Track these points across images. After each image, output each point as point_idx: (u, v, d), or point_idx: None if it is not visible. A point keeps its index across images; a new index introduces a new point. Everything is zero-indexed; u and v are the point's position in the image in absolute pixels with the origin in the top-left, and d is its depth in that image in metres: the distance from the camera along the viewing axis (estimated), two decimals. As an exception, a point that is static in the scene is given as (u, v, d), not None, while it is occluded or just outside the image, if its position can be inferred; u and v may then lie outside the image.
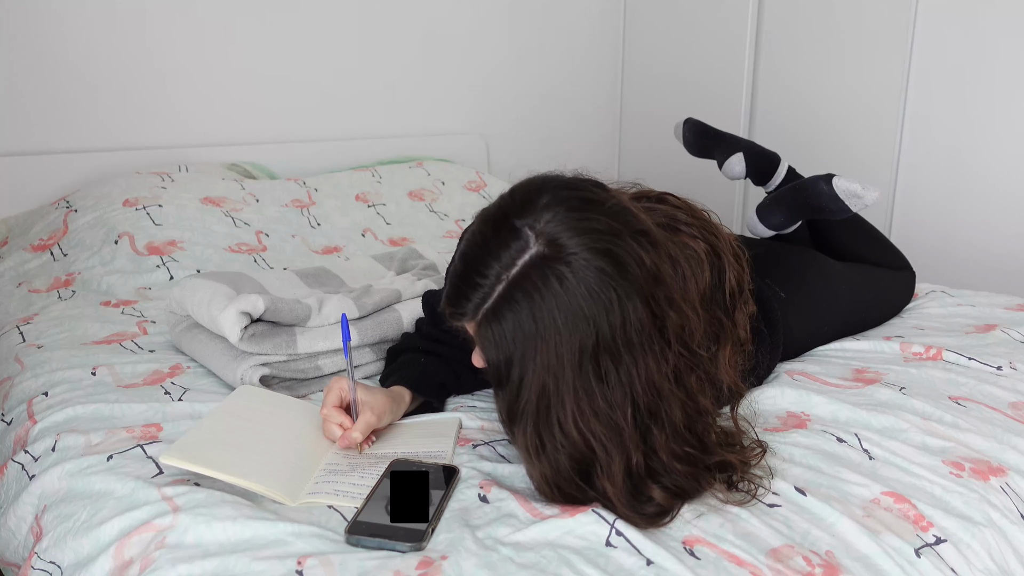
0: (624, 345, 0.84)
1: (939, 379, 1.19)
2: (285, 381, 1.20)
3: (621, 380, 0.85)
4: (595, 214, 0.86)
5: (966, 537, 0.86)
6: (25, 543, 0.94)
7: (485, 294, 0.86)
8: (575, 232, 0.84)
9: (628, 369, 0.85)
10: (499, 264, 0.85)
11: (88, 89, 2.01)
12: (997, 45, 2.11)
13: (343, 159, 2.39)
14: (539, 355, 0.84)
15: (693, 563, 0.79)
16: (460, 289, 0.88)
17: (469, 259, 0.89)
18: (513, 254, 0.85)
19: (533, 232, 0.85)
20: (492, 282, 0.85)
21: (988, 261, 2.21)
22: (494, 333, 0.86)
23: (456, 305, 0.89)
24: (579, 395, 0.84)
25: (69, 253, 1.73)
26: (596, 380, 0.84)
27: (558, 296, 0.83)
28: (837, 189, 1.35)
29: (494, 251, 0.86)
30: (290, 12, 2.26)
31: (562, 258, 0.83)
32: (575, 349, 0.83)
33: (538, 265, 0.84)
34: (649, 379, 0.86)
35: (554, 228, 0.84)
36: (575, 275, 0.83)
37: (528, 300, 0.83)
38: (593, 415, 0.85)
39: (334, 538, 0.83)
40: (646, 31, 2.92)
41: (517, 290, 0.84)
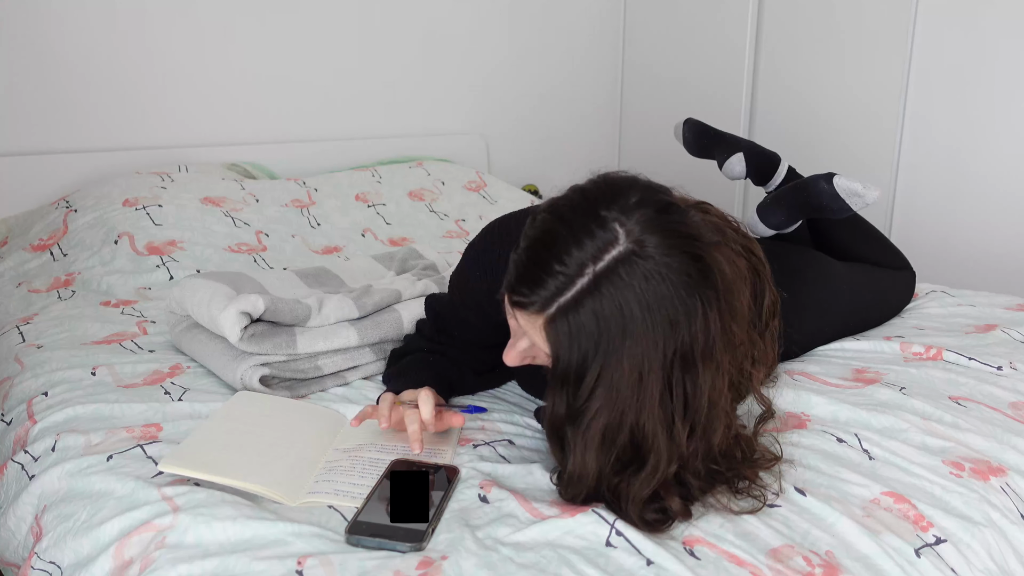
0: (700, 356, 0.82)
1: (939, 379, 1.19)
2: (285, 381, 1.20)
3: (686, 391, 0.82)
4: (681, 219, 0.83)
5: (966, 537, 0.86)
6: (25, 543, 0.94)
7: (563, 284, 0.80)
8: (665, 235, 0.80)
9: (696, 381, 0.82)
10: (583, 254, 0.80)
11: (88, 89, 2.01)
12: (997, 45, 2.11)
13: (343, 159, 2.39)
14: (623, 354, 0.80)
15: (693, 563, 0.79)
16: (533, 275, 0.82)
17: (547, 244, 0.82)
18: (600, 246, 0.80)
19: (623, 228, 0.80)
20: (574, 273, 0.80)
21: (988, 261, 2.21)
22: (571, 327, 0.80)
23: (526, 292, 0.83)
24: (652, 400, 0.81)
25: (69, 253, 1.73)
26: (669, 387, 0.82)
27: (648, 295, 0.79)
28: (838, 188, 1.35)
29: (579, 240, 0.80)
30: (290, 12, 2.27)
31: (653, 258, 0.79)
32: (659, 352, 0.80)
33: (627, 261, 0.79)
34: (710, 394, 0.84)
35: (644, 227, 0.80)
36: (663, 278, 0.79)
37: (617, 295, 0.79)
38: (660, 422, 0.82)
39: (334, 538, 0.83)
40: (646, 31, 2.92)
41: (605, 283, 0.79)
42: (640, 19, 2.93)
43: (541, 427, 1.11)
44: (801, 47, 2.53)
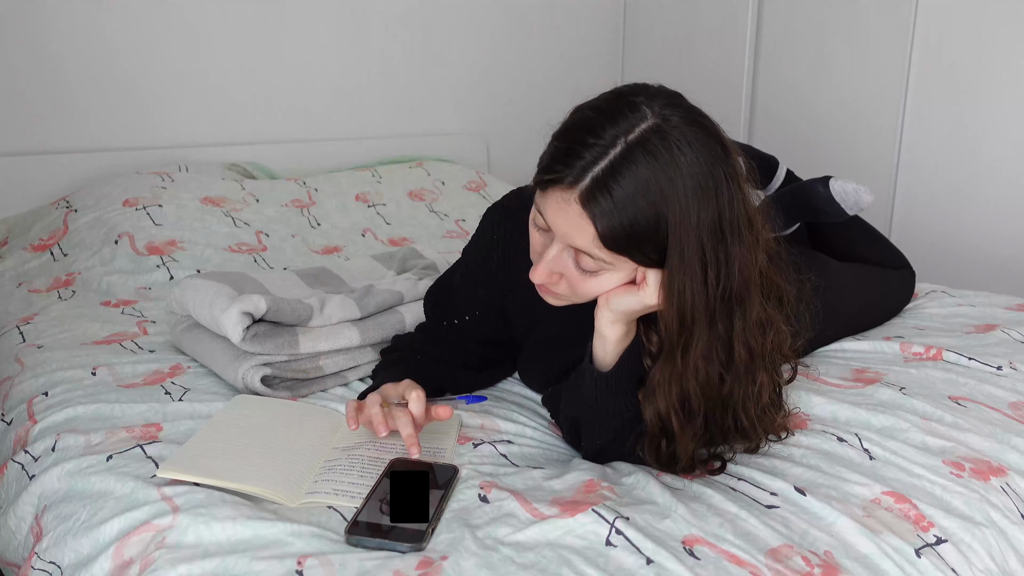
0: (730, 226, 0.85)
1: (939, 379, 1.19)
2: (287, 381, 1.20)
3: (720, 260, 0.86)
4: (701, 111, 0.89)
5: (966, 537, 0.86)
6: (25, 543, 0.94)
7: (598, 154, 0.83)
8: (687, 114, 0.86)
9: (729, 250, 0.86)
10: (616, 128, 0.84)
11: (88, 89, 2.01)
12: (997, 45, 2.11)
13: (343, 159, 2.39)
14: (667, 214, 0.83)
15: (693, 563, 0.79)
16: (569, 150, 0.85)
17: (579, 125, 0.87)
18: (632, 121, 0.84)
19: (649, 108, 0.85)
20: (607, 143, 0.83)
21: (988, 261, 2.21)
22: (612, 196, 0.82)
23: (558, 168, 0.85)
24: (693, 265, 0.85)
25: (69, 253, 1.73)
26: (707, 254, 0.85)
27: (680, 163, 0.83)
28: (833, 191, 1.35)
29: (612, 118, 0.85)
30: (290, 12, 2.26)
31: (680, 129, 0.84)
32: (697, 218, 0.83)
33: (659, 132, 0.83)
34: (743, 265, 0.87)
35: (671, 108, 0.86)
36: (692, 149, 0.83)
37: (652, 161, 0.82)
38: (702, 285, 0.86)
39: (334, 538, 0.83)
40: (646, 31, 2.92)
41: (639, 150, 0.83)
42: (640, 19, 2.93)
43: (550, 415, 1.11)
44: (801, 47, 2.52)
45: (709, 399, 0.92)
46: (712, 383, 0.91)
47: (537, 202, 0.90)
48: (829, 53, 2.46)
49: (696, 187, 0.83)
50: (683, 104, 0.88)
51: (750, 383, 0.93)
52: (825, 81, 2.48)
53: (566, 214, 0.85)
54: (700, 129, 0.86)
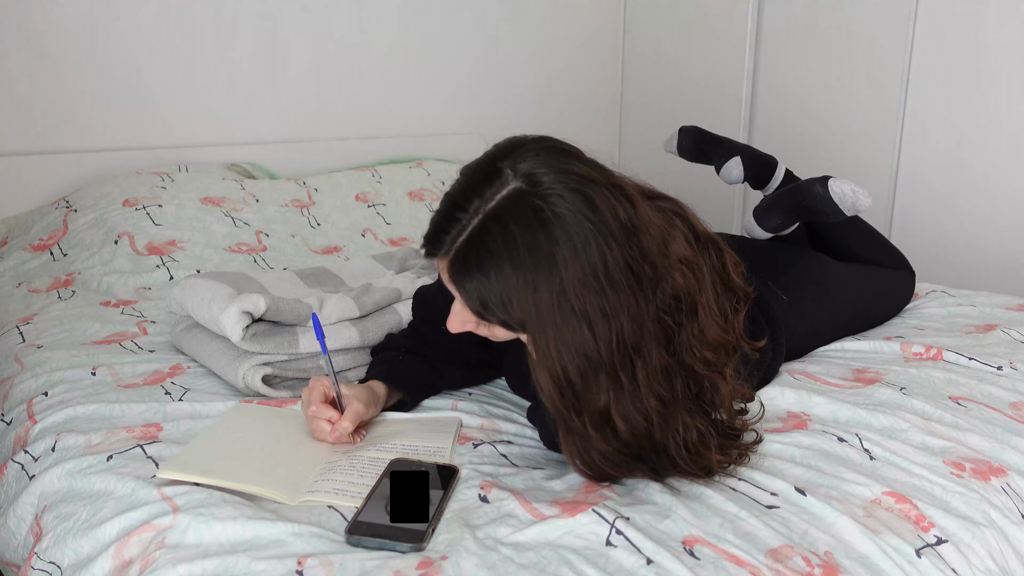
0: (607, 280, 0.84)
1: (939, 379, 1.19)
2: (287, 381, 1.20)
3: (606, 312, 0.84)
4: (574, 160, 0.88)
5: (967, 537, 0.86)
6: (25, 543, 0.94)
7: (460, 228, 0.86)
8: (553, 171, 0.85)
9: (612, 302, 0.84)
10: (479, 199, 0.86)
11: (88, 89, 2.01)
12: (997, 45, 2.11)
13: (343, 159, 2.38)
14: (515, 286, 0.84)
15: (693, 563, 0.79)
16: (439, 224, 0.89)
17: (451, 196, 0.89)
18: (493, 190, 0.86)
19: (513, 171, 0.86)
20: (469, 216, 0.86)
21: (988, 261, 2.21)
22: (469, 265, 0.86)
23: (432, 241, 0.89)
24: (558, 324, 0.84)
25: (69, 253, 1.73)
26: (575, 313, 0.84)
27: (532, 229, 0.83)
28: (832, 192, 1.35)
29: (475, 188, 0.87)
30: (290, 12, 2.26)
31: (539, 193, 0.84)
32: (555, 280, 0.83)
33: (515, 198, 0.85)
34: (632, 315, 0.86)
35: (533, 167, 0.86)
36: (551, 210, 0.83)
37: (502, 231, 0.84)
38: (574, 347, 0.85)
39: (334, 538, 0.83)
40: (646, 31, 2.92)
41: (492, 221, 0.85)
42: (640, 19, 2.93)
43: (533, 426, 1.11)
44: (801, 47, 2.52)
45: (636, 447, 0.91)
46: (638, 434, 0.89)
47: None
48: (829, 53, 2.46)
49: (557, 250, 0.82)
50: (552, 159, 0.87)
51: (671, 430, 0.90)
52: (825, 81, 2.48)
53: (447, 281, 0.91)
54: (566, 186, 0.84)
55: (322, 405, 1.03)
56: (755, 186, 1.64)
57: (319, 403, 1.04)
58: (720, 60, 2.69)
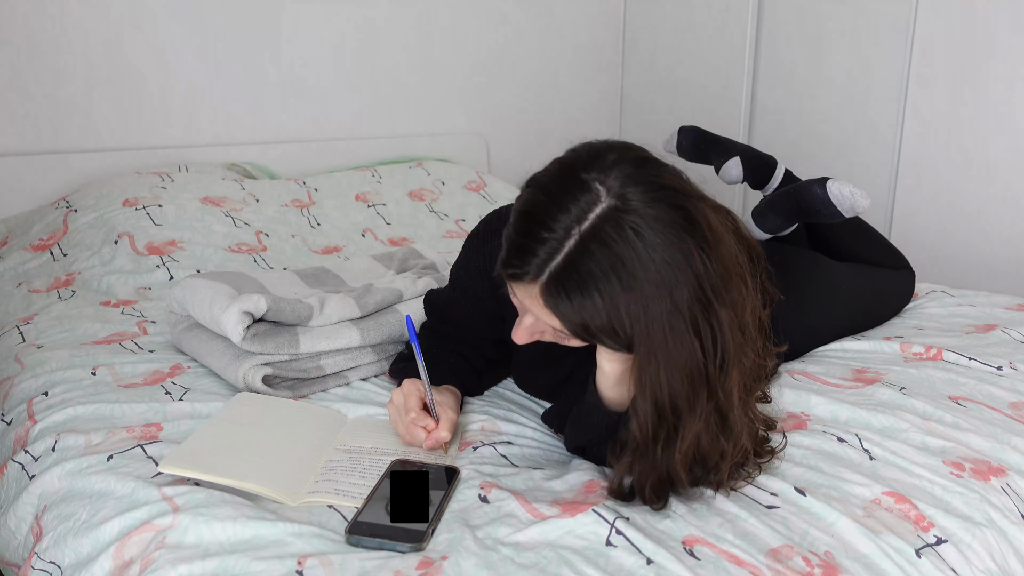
0: (713, 294, 0.81)
1: (939, 379, 1.19)
2: (287, 381, 1.20)
3: (713, 328, 0.82)
4: (662, 172, 0.84)
5: (967, 537, 0.86)
6: (25, 543, 0.94)
7: (553, 250, 0.81)
8: (645, 187, 0.81)
9: (718, 316, 0.82)
10: (569, 217, 0.80)
11: (88, 89, 2.01)
12: (997, 44, 2.11)
13: (343, 159, 2.39)
14: (625, 310, 0.80)
15: (693, 563, 0.79)
16: (524, 245, 0.82)
17: (533, 214, 0.83)
18: (584, 207, 0.81)
19: (603, 186, 0.81)
20: (561, 236, 0.80)
21: (988, 261, 2.22)
22: (567, 290, 0.81)
23: (517, 264, 0.83)
24: (670, 348, 0.81)
25: (69, 253, 1.73)
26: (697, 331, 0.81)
27: (636, 248, 0.79)
28: (830, 194, 1.35)
29: (563, 204, 0.81)
30: (290, 12, 2.26)
31: (636, 211, 0.80)
32: (665, 300, 0.80)
33: (611, 218, 0.80)
34: (731, 327, 0.84)
35: (625, 183, 0.81)
36: (651, 228, 0.79)
37: (605, 252, 0.79)
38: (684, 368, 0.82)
39: (334, 538, 0.83)
40: (646, 31, 2.92)
41: (593, 242, 0.79)
42: (640, 19, 2.93)
43: (549, 429, 1.11)
44: (801, 46, 2.53)
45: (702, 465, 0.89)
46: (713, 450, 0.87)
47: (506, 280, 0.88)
48: (829, 53, 2.46)
49: (664, 268, 0.79)
50: (642, 172, 0.83)
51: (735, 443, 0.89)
52: (825, 81, 2.48)
53: (533, 303, 0.86)
54: (661, 203, 0.81)
55: (421, 412, 1.02)
56: (754, 186, 1.64)
57: (418, 410, 1.02)
58: (720, 60, 2.69)
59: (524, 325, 0.92)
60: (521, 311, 0.92)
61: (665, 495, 0.89)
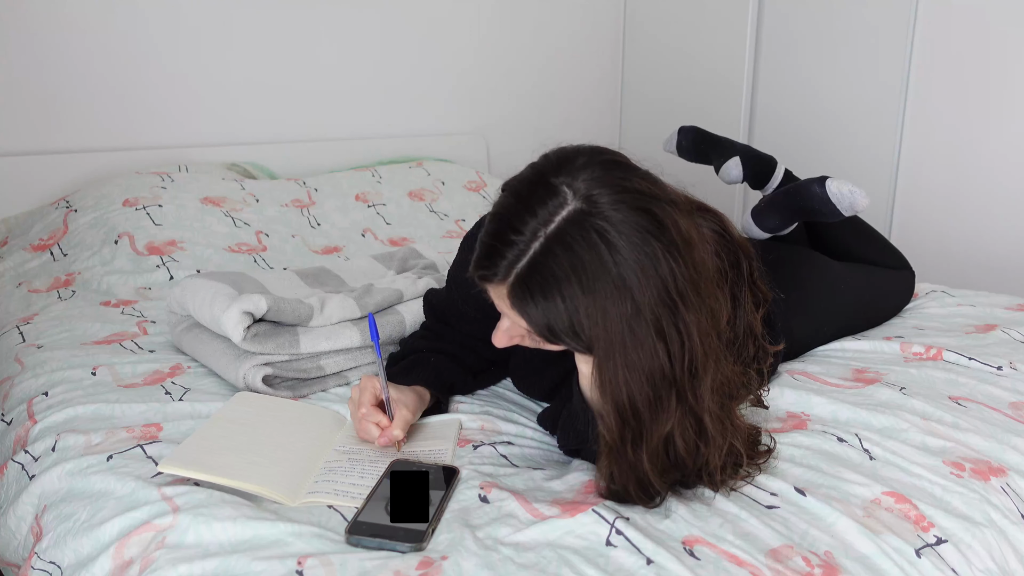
0: (679, 297, 0.82)
1: (939, 379, 1.19)
2: (287, 381, 1.20)
3: (680, 332, 0.82)
4: (631, 175, 0.85)
5: (967, 537, 0.86)
6: (25, 543, 0.94)
7: (520, 251, 0.82)
8: (613, 190, 0.82)
9: (685, 319, 0.82)
10: (536, 220, 0.82)
11: (88, 89, 2.01)
12: (997, 45, 2.11)
13: (343, 159, 2.39)
14: (585, 312, 0.81)
15: (693, 563, 0.79)
16: (493, 247, 0.84)
17: (503, 217, 0.85)
18: (551, 210, 0.82)
19: (571, 189, 0.82)
20: (528, 239, 0.82)
21: (988, 261, 2.21)
22: (531, 291, 0.82)
23: (487, 265, 0.85)
24: (628, 350, 0.81)
25: (69, 253, 1.73)
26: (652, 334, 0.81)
27: (598, 251, 0.80)
28: (830, 192, 1.35)
29: (531, 208, 0.82)
30: (290, 12, 2.26)
31: (602, 214, 0.80)
32: (627, 304, 0.80)
33: (576, 220, 0.81)
34: (701, 331, 0.84)
35: (591, 186, 0.82)
36: (616, 230, 0.80)
37: (568, 254, 0.80)
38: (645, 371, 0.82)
39: (334, 538, 0.83)
40: (646, 31, 2.92)
41: (556, 245, 0.81)
42: (640, 19, 2.93)
43: (544, 430, 1.11)
44: (801, 47, 2.53)
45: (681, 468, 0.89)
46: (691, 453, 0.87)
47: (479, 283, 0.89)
48: (829, 53, 2.46)
49: (627, 271, 0.80)
50: (609, 176, 0.83)
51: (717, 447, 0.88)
52: (825, 81, 2.48)
53: (503, 305, 0.88)
54: (627, 204, 0.81)
55: (372, 408, 1.03)
56: (754, 186, 1.64)
57: (369, 406, 1.03)
58: (720, 60, 2.69)
59: (502, 328, 0.93)
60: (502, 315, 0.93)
61: (649, 495, 0.88)
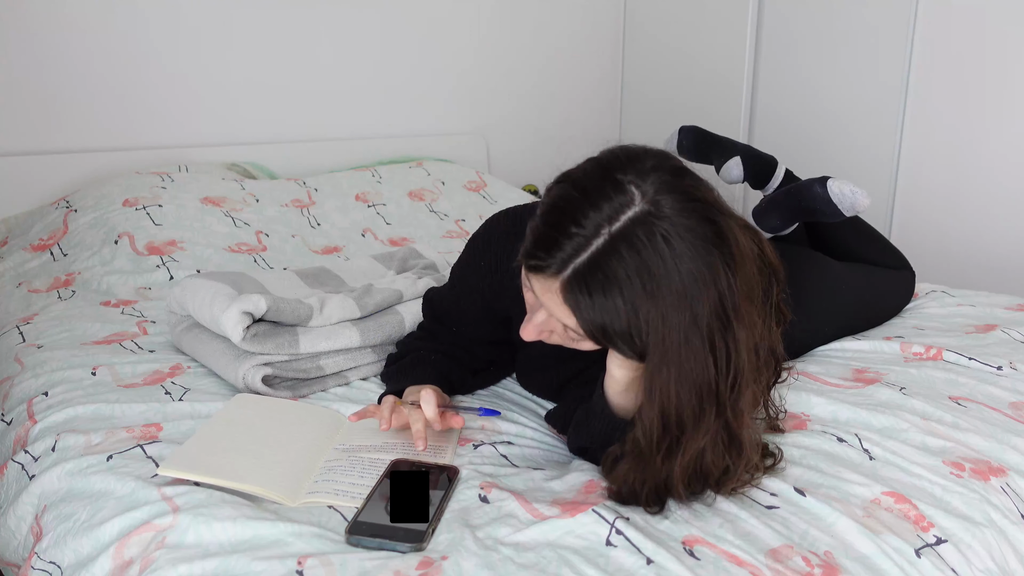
0: (733, 311, 0.81)
1: (939, 379, 1.19)
2: (287, 381, 1.20)
3: (728, 347, 0.81)
4: (699, 184, 0.83)
5: (967, 537, 0.86)
6: (25, 543, 0.94)
7: (579, 246, 0.79)
8: (681, 197, 0.80)
9: (736, 335, 0.81)
10: (600, 216, 0.79)
11: (88, 89, 2.01)
12: (997, 45, 2.11)
13: (343, 159, 2.39)
14: (645, 317, 0.79)
15: (693, 563, 0.79)
16: (550, 237, 0.81)
17: (563, 208, 0.82)
18: (616, 207, 0.79)
19: (639, 190, 0.80)
20: (590, 234, 0.79)
21: (988, 261, 2.21)
22: (590, 288, 0.79)
23: (542, 255, 0.82)
24: (683, 360, 0.80)
25: (69, 253, 1.73)
26: (705, 347, 0.80)
27: (664, 256, 0.78)
28: (831, 192, 1.35)
29: (595, 202, 0.80)
30: (290, 12, 2.26)
31: (669, 219, 0.79)
32: (687, 313, 0.79)
33: (643, 222, 0.78)
34: (748, 347, 0.83)
35: (660, 189, 0.80)
36: (681, 238, 0.78)
37: (634, 256, 0.78)
38: (694, 383, 0.81)
39: (334, 538, 0.83)
40: (646, 32, 2.92)
41: (622, 244, 0.78)
42: (640, 19, 2.93)
43: (551, 428, 1.11)
44: (801, 47, 2.53)
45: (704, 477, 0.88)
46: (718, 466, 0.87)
47: (525, 272, 0.87)
48: (829, 53, 2.46)
49: (688, 280, 0.79)
50: (678, 182, 0.82)
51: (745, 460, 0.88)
52: (825, 81, 2.48)
53: (550, 298, 0.84)
54: (694, 214, 0.80)
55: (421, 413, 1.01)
56: (755, 186, 1.64)
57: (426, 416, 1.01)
58: (720, 60, 2.69)
59: (534, 322, 0.90)
60: (532, 308, 0.91)
61: (662, 501, 0.88)
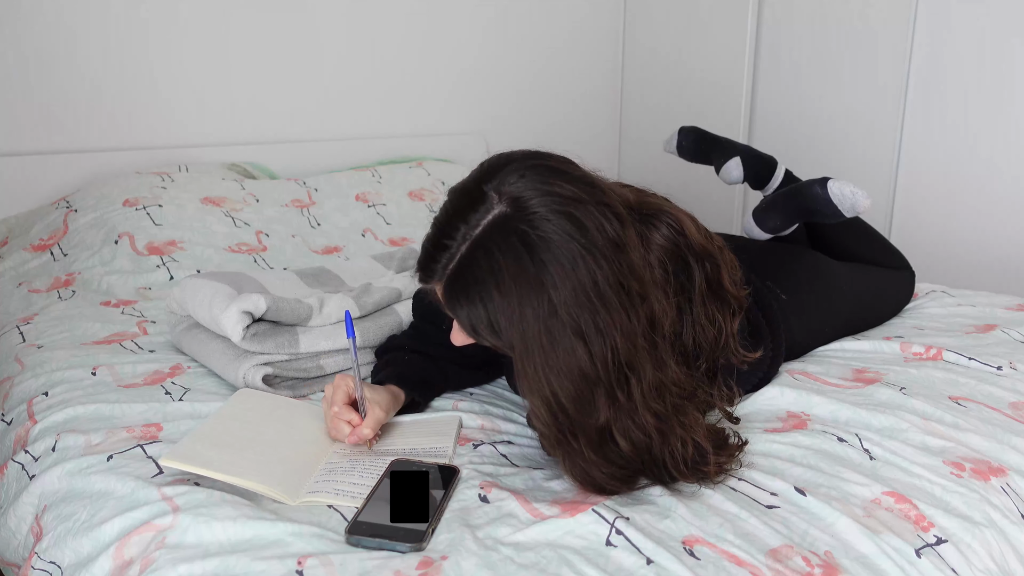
0: (598, 298, 0.84)
1: (939, 379, 1.19)
2: (287, 380, 1.20)
3: (600, 329, 0.84)
4: (559, 180, 0.88)
5: (967, 537, 0.86)
6: (25, 543, 0.94)
7: (451, 255, 0.88)
8: (537, 194, 0.86)
9: (605, 319, 0.84)
10: (466, 226, 0.87)
11: (88, 89, 2.01)
12: (997, 46, 2.11)
13: (343, 159, 2.39)
14: (502, 313, 0.85)
15: (693, 563, 0.79)
16: (429, 253, 0.91)
17: (439, 222, 0.91)
18: (479, 216, 0.87)
19: (497, 194, 0.87)
20: (458, 243, 0.87)
21: (988, 261, 2.22)
22: (458, 292, 0.88)
23: (425, 269, 0.92)
24: (546, 349, 0.84)
25: (69, 253, 1.73)
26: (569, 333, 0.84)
27: (517, 253, 0.84)
28: (831, 193, 1.35)
29: (461, 214, 0.88)
30: (290, 12, 2.26)
31: (524, 217, 0.85)
32: (543, 304, 0.83)
33: (500, 224, 0.85)
34: (625, 331, 0.86)
35: (517, 190, 0.86)
36: (537, 233, 0.84)
37: (487, 258, 0.85)
38: (566, 369, 0.85)
39: (334, 538, 0.83)
40: (646, 32, 2.92)
41: (478, 248, 0.86)
42: (640, 19, 2.93)
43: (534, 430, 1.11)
44: (801, 48, 2.53)
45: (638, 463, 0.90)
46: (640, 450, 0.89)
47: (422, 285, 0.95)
48: (829, 53, 2.46)
49: (543, 273, 0.83)
50: (535, 180, 0.87)
51: (668, 444, 0.90)
52: (825, 81, 2.48)
53: (444, 306, 0.93)
54: (549, 208, 0.85)
55: (345, 407, 1.03)
56: (755, 186, 1.64)
57: (342, 404, 1.03)
58: (720, 60, 2.69)
59: (455, 328, 0.96)
60: None
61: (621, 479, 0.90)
